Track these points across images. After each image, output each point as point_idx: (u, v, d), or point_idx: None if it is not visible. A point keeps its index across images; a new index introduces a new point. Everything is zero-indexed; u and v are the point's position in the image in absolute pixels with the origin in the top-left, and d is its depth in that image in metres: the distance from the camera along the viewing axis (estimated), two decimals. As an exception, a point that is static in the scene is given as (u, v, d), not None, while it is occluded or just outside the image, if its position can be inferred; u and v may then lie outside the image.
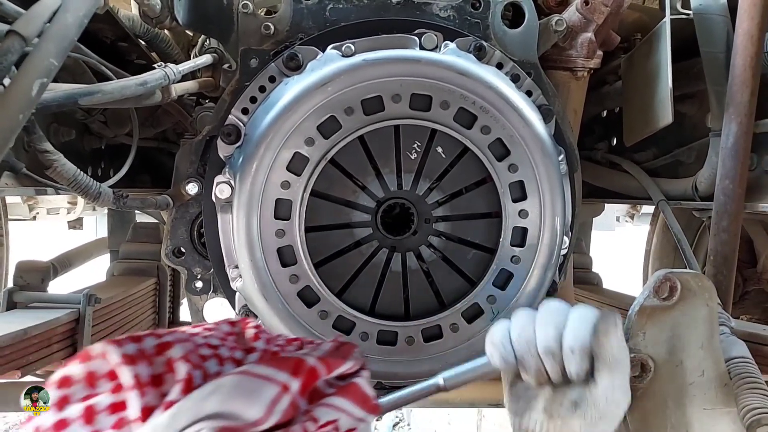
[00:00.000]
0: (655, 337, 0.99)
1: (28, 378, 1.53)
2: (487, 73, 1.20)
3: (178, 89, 1.34)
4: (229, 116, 1.24)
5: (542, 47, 1.36)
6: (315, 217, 1.24)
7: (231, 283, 1.28)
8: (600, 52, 1.45)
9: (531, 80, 1.30)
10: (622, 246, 5.59)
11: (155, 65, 1.24)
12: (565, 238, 1.31)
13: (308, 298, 1.24)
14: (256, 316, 1.30)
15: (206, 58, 1.43)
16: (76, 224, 4.22)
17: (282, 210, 1.21)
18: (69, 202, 3.69)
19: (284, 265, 1.22)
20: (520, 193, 1.25)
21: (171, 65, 1.25)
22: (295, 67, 1.22)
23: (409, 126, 1.21)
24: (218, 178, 1.21)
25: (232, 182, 1.20)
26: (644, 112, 1.54)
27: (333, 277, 1.26)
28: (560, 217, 1.25)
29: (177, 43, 1.95)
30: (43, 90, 0.83)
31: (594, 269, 2.49)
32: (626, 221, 4.17)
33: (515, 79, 1.28)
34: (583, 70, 1.45)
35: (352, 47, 1.20)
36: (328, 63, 1.19)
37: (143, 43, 1.81)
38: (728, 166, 1.27)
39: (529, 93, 1.28)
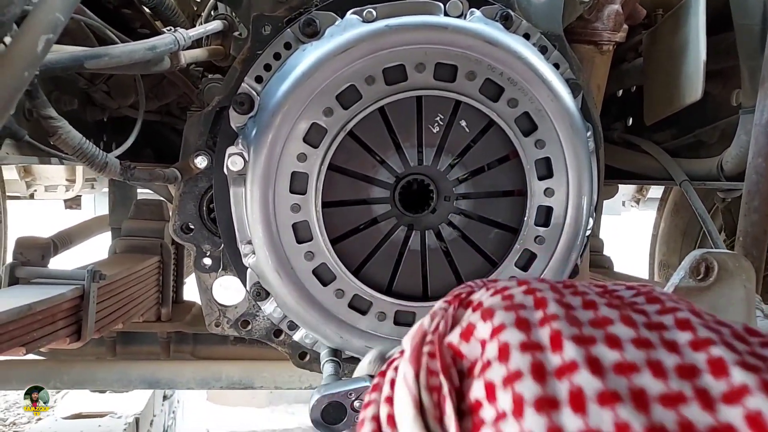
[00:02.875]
0: (691, 319, 0.95)
1: (31, 356, 1.49)
2: (517, 43, 1.14)
3: (187, 56, 1.28)
4: (242, 85, 1.17)
5: (567, 19, 1.30)
6: (332, 192, 1.19)
7: (243, 260, 1.23)
8: (626, 26, 1.40)
9: (558, 52, 1.24)
10: (627, 230, 5.57)
11: (164, 29, 1.17)
12: (590, 219, 1.27)
13: (324, 275, 1.19)
14: (268, 294, 1.26)
15: (216, 24, 1.37)
16: (73, 204, 4.14)
17: (298, 184, 1.15)
18: (67, 179, 3.61)
19: (299, 241, 1.17)
20: (546, 170, 1.20)
21: (181, 30, 1.18)
22: (312, 33, 1.15)
23: (433, 97, 1.15)
24: (230, 150, 1.15)
25: (246, 154, 1.14)
26: (668, 89, 1.49)
27: (349, 254, 1.21)
28: (587, 197, 1.20)
29: (182, 11, 1.87)
30: (49, 46, 0.77)
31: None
32: (632, 206, 4.14)
33: (542, 50, 1.22)
34: (609, 44, 1.39)
35: (374, 12, 1.13)
36: (348, 29, 1.12)
37: (147, 10, 1.73)
38: (762, 143, 1.22)
39: (556, 66, 1.23)
